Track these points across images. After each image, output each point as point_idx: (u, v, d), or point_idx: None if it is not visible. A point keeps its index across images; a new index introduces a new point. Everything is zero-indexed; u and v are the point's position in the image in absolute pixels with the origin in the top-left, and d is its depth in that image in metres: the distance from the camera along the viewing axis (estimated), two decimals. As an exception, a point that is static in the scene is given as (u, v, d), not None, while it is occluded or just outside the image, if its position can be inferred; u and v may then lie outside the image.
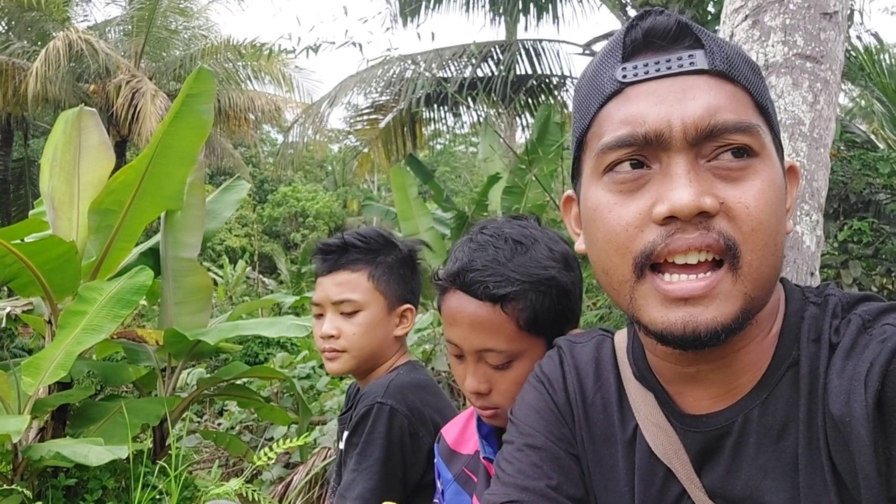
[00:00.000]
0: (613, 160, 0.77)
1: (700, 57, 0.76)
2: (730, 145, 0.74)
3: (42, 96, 12.90)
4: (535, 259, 1.19)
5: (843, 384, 0.73)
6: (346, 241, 1.65)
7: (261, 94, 16.35)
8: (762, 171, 0.75)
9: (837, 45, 2.07)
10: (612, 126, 0.77)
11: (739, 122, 0.74)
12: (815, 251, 1.91)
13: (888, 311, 0.76)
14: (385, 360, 1.69)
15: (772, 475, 0.78)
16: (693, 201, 0.71)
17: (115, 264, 4.28)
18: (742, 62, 0.78)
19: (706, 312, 0.73)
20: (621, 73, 0.78)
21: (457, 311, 1.21)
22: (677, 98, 0.74)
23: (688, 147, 0.74)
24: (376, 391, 1.56)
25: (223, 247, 21.54)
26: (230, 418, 6.59)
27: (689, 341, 0.73)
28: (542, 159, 6.12)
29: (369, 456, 1.50)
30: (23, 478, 3.43)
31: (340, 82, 8.69)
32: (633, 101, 0.76)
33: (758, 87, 0.79)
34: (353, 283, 1.63)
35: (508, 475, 0.91)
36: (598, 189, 0.79)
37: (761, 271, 0.74)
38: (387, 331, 1.67)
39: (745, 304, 0.74)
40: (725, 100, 0.75)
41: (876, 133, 7.76)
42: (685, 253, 0.73)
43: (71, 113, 4.43)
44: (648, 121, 0.74)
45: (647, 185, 0.75)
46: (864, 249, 4.75)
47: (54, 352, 3.46)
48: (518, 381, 1.18)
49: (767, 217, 0.73)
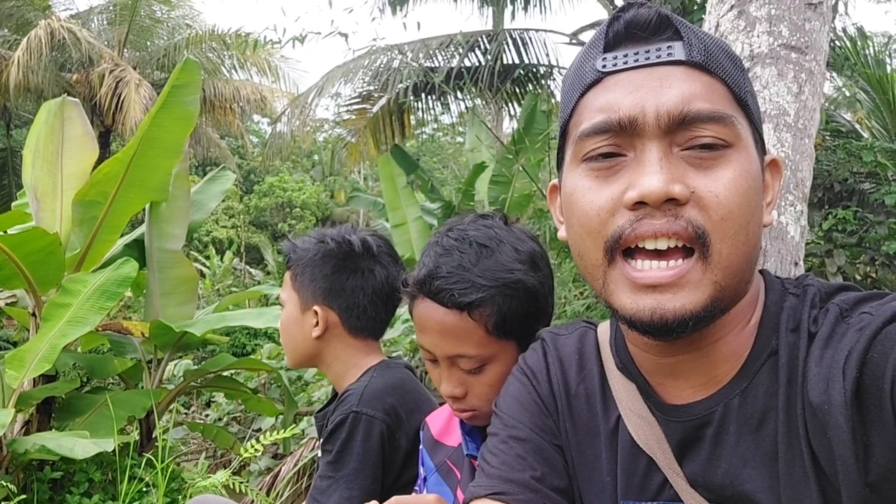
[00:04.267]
0: (591, 148, 0.79)
1: (678, 48, 0.77)
2: (703, 135, 0.75)
3: (24, 86, 12.74)
4: (501, 262, 1.18)
5: (822, 372, 0.73)
6: (293, 244, 1.67)
7: (246, 83, 16.23)
8: (735, 162, 0.76)
9: (822, 35, 2.08)
10: (589, 114, 0.79)
11: (713, 112, 0.75)
12: (799, 241, 1.93)
13: (865, 300, 0.77)
14: (332, 361, 1.64)
15: (752, 463, 0.78)
16: (662, 187, 0.72)
17: (99, 256, 4.26)
18: (722, 55, 0.79)
19: (674, 300, 0.74)
20: (601, 63, 0.80)
21: (426, 319, 1.21)
22: (653, 87, 0.76)
23: (661, 135, 0.75)
24: (351, 400, 1.53)
25: (210, 238, 21.41)
26: (218, 410, 6.58)
27: (657, 328, 0.75)
28: (530, 149, 6.11)
29: (346, 465, 1.49)
30: (8, 471, 3.42)
31: (327, 72, 8.62)
32: (611, 89, 0.79)
33: (737, 79, 0.79)
34: (284, 280, 1.67)
35: (493, 467, 0.92)
36: (576, 175, 0.81)
37: (731, 260, 0.75)
38: (302, 330, 1.62)
39: (716, 292, 0.74)
40: (701, 90, 0.76)
41: (861, 122, 7.81)
42: (654, 238, 0.74)
43: (53, 103, 4.38)
44: (623, 108, 0.76)
45: (621, 171, 0.77)
46: (849, 238, 4.79)
47: (38, 344, 3.43)
48: (492, 383, 1.19)
49: (738, 207, 0.74)
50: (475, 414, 1.23)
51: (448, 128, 17.75)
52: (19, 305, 4.44)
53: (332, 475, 1.50)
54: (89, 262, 4.20)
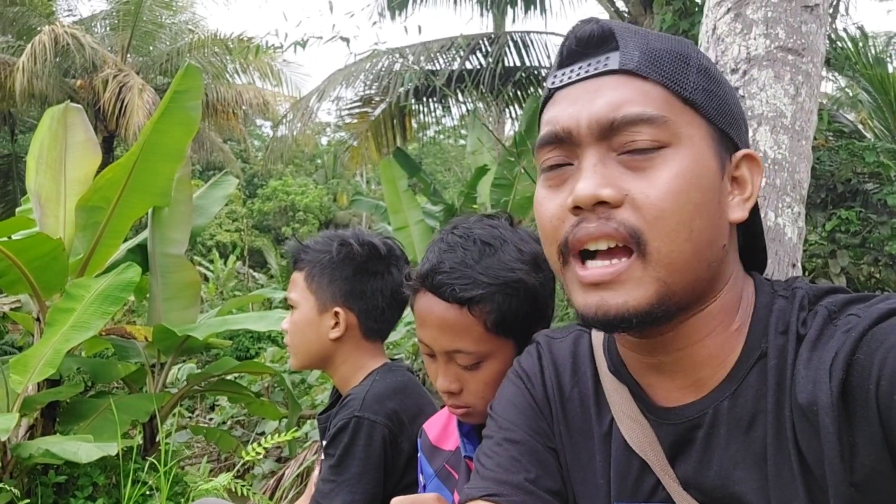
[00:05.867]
0: (543, 159, 0.84)
1: (614, 58, 0.81)
2: (637, 138, 0.78)
3: (29, 92, 12.78)
4: (503, 261, 1.20)
5: (810, 374, 0.74)
6: (302, 244, 1.67)
7: (249, 87, 16.27)
8: (671, 161, 0.77)
9: (819, 37, 2.08)
10: (542, 128, 0.85)
11: (641, 114, 0.78)
12: (796, 243, 1.93)
13: (853, 303, 0.78)
14: (342, 363, 1.65)
15: (742, 465, 0.79)
16: (591, 191, 0.76)
17: (102, 261, 4.28)
18: (666, 58, 0.81)
19: (616, 297, 0.77)
20: (552, 81, 0.86)
21: (426, 313, 1.23)
22: (588, 98, 0.80)
23: (595, 142, 0.79)
24: (353, 404, 1.54)
25: (213, 242, 21.46)
26: (221, 413, 6.59)
27: (602, 324, 0.79)
28: (531, 151, 6.12)
29: (348, 468, 1.50)
30: (12, 476, 3.43)
31: (329, 76, 8.65)
32: (557, 104, 0.84)
33: (681, 80, 0.80)
34: (294, 281, 1.65)
35: (487, 469, 0.93)
36: (539, 185, 0.86)
37: (674, 258, 0.76)
38: (318, 333, 1.62)
39: (661, 289, 0.77)
40: (632, 95, 0.79)
41: (863, 123, 7.80)
42: (594, 241, 0.78)
43: (57, 109, 4.41)
44: (561, 120, 0.81)
45: (568, 179, 0.82)
46: (852, 239, 4.79)
47: (42, 349, 3.45)
48: (488, 381, 1.21)
49: (672, 205, 0.76)
50: (469, 411, 1.24)
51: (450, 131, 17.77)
52: (24, 310, 4.47)
53: (334, 479, 1.51)
54: (93, 267, 4.22)
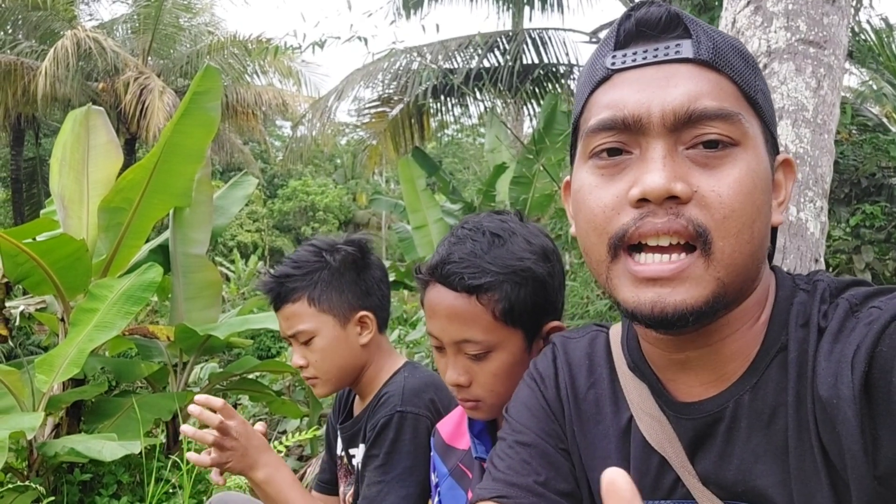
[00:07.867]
0: (597, 144, 0.80)
1: (686, 46, 0.78)
2: (709, 132, 0.75)
3: (52, 95, 12.98)
4: (512, 251, 1.21)
5: (831, 367, 0.73)
6: (279, 276, 1.61)
7: (268, 88, 16.39)
8: (741, 161, 0.75)
9: (841, 29, 2.05)
10: (597, 110, 0.80)
11: (719, 109, 0.75)
12: (819, 238, 1.90)
13: (875, 295, 0.77)
14: (369, 366, 1.65)
15: (763, 459, 0.78)
16: (664, 185, 0.73)
17: (125, 262, 4.32)
18: (732, 53, 0.79)
19: (674, 294, 0.74)
20: (611, 60, 0.81)
21: (435, 303, 1.23)
22: (659, 85, 0.77)
23: (666, 133, 0.76)
24: (392, 401, 1.55)
25: (235, 242, 21.64)
26: (243, 412, 6.64)
27: (657, 321, 0.75)
28: (550, 148, 6.09)
29: (397, 465, 1.50)
30: (38, 474, 3.48)
31: (347, 76, 8.68)
32: (619, 86, 0.79)
33: (747, 77, 0.79)
34: (297, 313, 1.60)
35: (499, 471, 0.93)
36: (584, 172, 0.82)
37: (735, 258, 0.75)
38: (349, 345, 1.62)
39: (718, 288, 0.75)
40: (707, 87, 0.76)
41: (888, 116, 7.67)
42: (656, 236, 0.75)
43: (79, 112, 4.46)
44: (629, 105, 0.77)
45: (626, 169, 0.78)
46: (877, 234, 4.71)
47: (67, 349, 3.49)
48: (497, 372, 1.21)
49: (741, 206, 0.74)
50: (478, 405, 1.24)
51: (468, 129, 17.76)
52: (48, 311, 4.53)
53: (381, 479, 1.50)
54: (115, 268, 4.27)
